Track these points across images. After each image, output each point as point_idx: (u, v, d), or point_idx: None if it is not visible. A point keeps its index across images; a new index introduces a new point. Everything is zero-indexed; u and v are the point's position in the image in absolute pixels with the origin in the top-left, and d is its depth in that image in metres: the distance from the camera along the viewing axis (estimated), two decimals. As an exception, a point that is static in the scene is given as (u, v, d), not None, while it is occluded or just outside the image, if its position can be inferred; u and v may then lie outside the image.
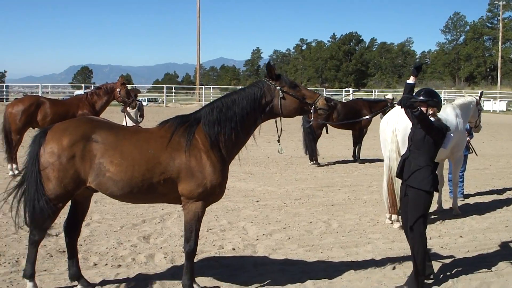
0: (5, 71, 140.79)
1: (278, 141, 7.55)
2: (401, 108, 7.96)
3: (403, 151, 9.78)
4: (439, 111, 8.23)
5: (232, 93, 7.50)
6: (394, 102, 8.12)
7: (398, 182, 9.92)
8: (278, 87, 7.28)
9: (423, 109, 7.83)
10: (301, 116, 7.81)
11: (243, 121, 7.25)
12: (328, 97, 17.96)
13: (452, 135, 8.19)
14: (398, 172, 8.16)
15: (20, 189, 7.14)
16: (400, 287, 7.88)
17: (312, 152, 19.76)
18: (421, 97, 7.96)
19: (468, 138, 13.11)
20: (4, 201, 7.35)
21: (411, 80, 8.34)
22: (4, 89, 62.17)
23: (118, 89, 17.08)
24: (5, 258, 8.38)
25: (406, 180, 7.91)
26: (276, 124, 7.53)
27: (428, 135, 7.66)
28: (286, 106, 7.30)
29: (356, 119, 19.47)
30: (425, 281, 8.03)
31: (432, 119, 7.88)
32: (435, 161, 8.00)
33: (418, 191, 7.74)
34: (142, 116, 18.39)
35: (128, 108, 17.76)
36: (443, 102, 8.86)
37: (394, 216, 11.24)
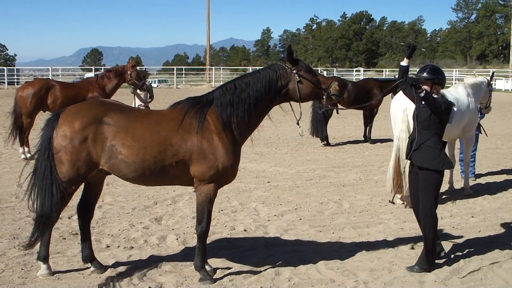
0: (15, 55, 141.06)
1: (298, 123, 7.55)
2: (405, 87, 7.99)
3: (414, 131, 9.79)
4: (443, 88, 8.25)
5: (246, 75, 7.52)
6: (400, 81, 8.09)
7: (404, 162, 9.94)
8: (295, 71, 7.31)
9: (427, 87, 7.89)
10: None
11: (257, 103, 7.27)
12: (340, 80, 17.95)
13: (455, 109, 8.16)
14: (408, 154, 8.16)
15: (34, 173, 7.21)
16: (412, 267, 7.89)
17: (323, 133, 19.80)
18: (426, 75, 7.96)
19: (478, 118, 13.06)
20: (18, 184, 7.43)
21: (404, 62, 8.34)
22: (15, 72, 62.47)
23: (129, 72, 17.17)
24: (19, 240, 8.46)
25: (416, 161, 7.94)
26: (292, 107, 7.56)
27: (435, 115, 7.68)
28: (302, 90, 7.32)
29: (365, 102, 19.56)
30: (436, 260, 8.09)
31: (435, 96, 7.91)
32: (444, 140, 8.02)
33: (428, 172, 7.79)
34: (151, 97, 18.46)
35: (138, 90, 17.83)
36: (455, 81, 8.87)
37: (397, 196, 11.24)
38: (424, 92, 7.56)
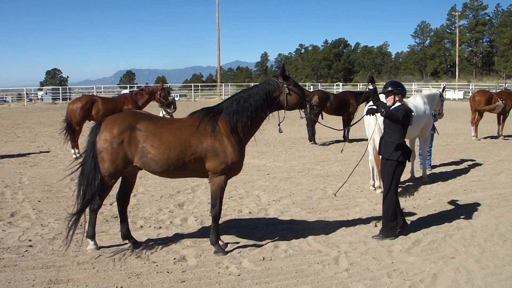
0: (68, 76, 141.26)
1: (279, 125, 7.59)
2: (369, 115, 8.28)
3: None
4: (404, 97, 8.47)
5: (248, 88, 7.52)
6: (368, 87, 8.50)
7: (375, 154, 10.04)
8: (285, 85, 7.31)
9: (391, 97, 8.24)
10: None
11: (257, 111, 7.30)
12: (323, 93, 18.04)
13: (414, 114, 8.31)
14: (378, 149, 8.35)
15: (81, 169, 7.22)
16: (377, 235, 8.07)
17: (313, 133, 19.82)
18: (389, 88, 8.21)
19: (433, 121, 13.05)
20: (70, 178, 7.41)
21: (371, 86, 8.60)
22: (67, 91, 62.65)
23: (158, 92, 17.31)
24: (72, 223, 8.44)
25: (382, 153, 8.14)
26: (279, 114, 7.54)
27: (395, 124, 7.93)
28: (290, 101, 7.35)
29: (343, 109, 19.83)
30: (400, 232, 8.21)
31: (398, 104, 8.19)
32: (410, 139, 8.11)
33: (391, 161, 8.00)
34: (175, 108, 18.47)
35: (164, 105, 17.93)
36: (414, 93, 8.96)
37: (377, 183, 11.25)
38: (383, 112, 7.76)
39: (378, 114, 10.59)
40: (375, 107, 8.10)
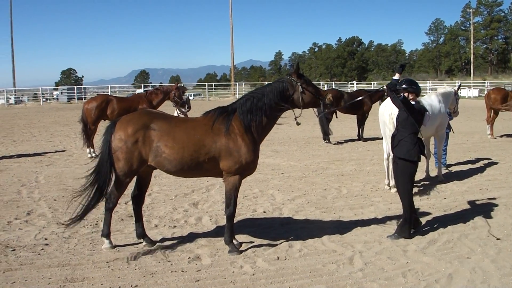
0: (83, 76, 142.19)
1: (295, 119, 7.45)
2: (392, 96, 8.15)
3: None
4: (418, 96, 8.46)
5: (261, 87, 7.52)
6: (383, 87, 8.49)
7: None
8: (299, 84, 7.29)
9: (405, 94, 8.19)
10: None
11: (271, 110, 7.27)
12: (337, 91, 17.99)
13: (428, 113, 8.27)
14: (391, 146, 8.37)
15: (96, 168, 7.26)
16: (392, 235, 8.02)
17: (325, 132, 19.72)
18: (403, 85, 8.24)
19: (448, 119, 12.95)
20: (85, 177, 7.43)
21: (396, 77, 8.44)
22: (82, 90, 63.18)
23: (173, 92, 17.35)
24: (87, 221, 8.50)
25: (396, 152, 8.11)
26: (294, 111, 7.49)
27: (410, 115, 7.88)
28: (304, 99, 7.32)
29: (358, 108, 19.70)
30: (411, 230, 8.17)
31: (412, 102, 8.16)
32: (425, 138, 8.06)
33: (405, 161, 7.96)
34: (189, 107, 18.52)
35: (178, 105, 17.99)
36: (428, 91, 8.90)
37: (392, 183, 11.19)
38: (402, 96, 7.94)
39: (392, 113, 10.63)
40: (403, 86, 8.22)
